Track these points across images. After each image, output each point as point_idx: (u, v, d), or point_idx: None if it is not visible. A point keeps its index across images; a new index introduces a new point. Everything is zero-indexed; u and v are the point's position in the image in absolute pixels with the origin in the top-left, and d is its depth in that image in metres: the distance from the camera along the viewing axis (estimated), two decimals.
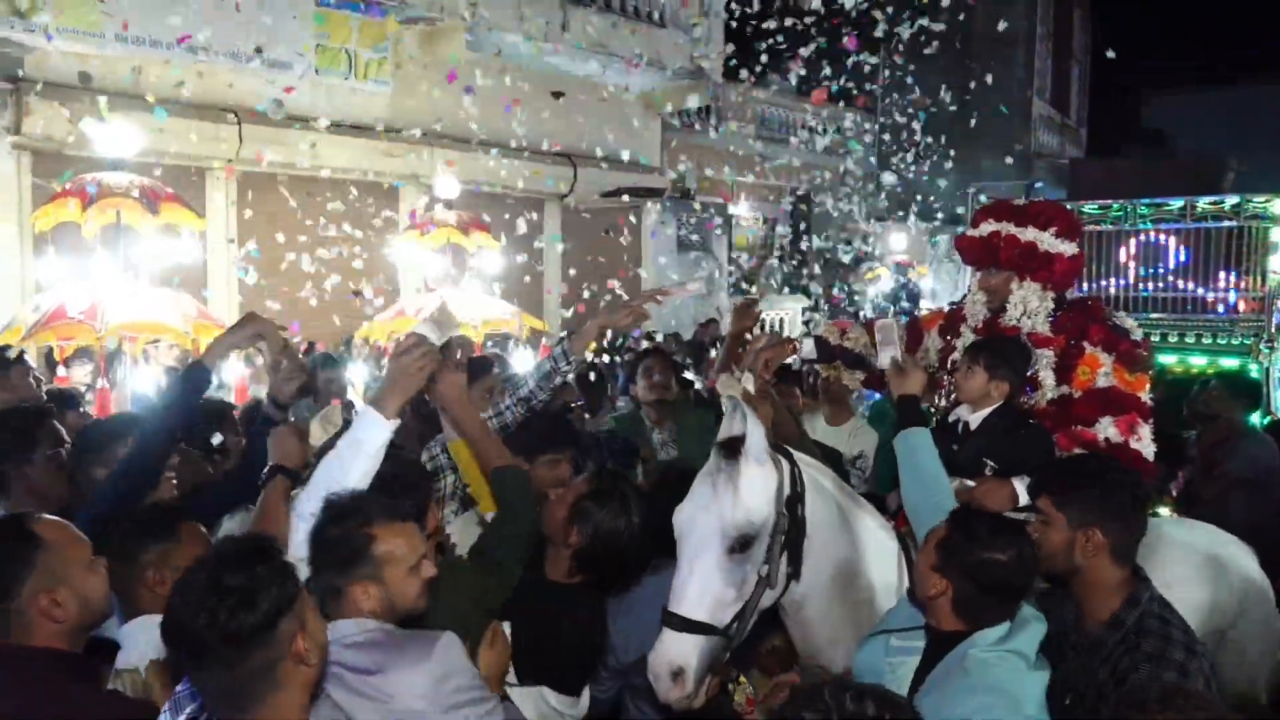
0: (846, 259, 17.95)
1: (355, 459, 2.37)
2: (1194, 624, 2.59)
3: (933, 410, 3.76)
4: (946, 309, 4.02)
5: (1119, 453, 3.19)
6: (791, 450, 2.78)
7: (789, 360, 4.04)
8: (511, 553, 2.60)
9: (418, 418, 3.96)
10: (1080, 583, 2.39)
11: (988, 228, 3.56)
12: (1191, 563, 3.23)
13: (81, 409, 5.51)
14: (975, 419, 3.27)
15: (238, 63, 9.46)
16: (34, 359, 6.90)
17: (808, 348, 3.95)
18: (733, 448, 2.59)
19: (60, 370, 6.98)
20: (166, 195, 6.95)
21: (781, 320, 14.29)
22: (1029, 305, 3.46)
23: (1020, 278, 3.48)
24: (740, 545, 2.50)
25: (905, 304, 16.61)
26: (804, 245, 18.96)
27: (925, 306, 13.19)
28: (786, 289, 17.39)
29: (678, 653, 2.41)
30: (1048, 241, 3.48)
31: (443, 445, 3.15)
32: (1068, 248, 3.53)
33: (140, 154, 7.76)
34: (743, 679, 2.86)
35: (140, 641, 2.17)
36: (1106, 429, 3.25)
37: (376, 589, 2.09)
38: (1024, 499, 2.88)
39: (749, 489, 2.53)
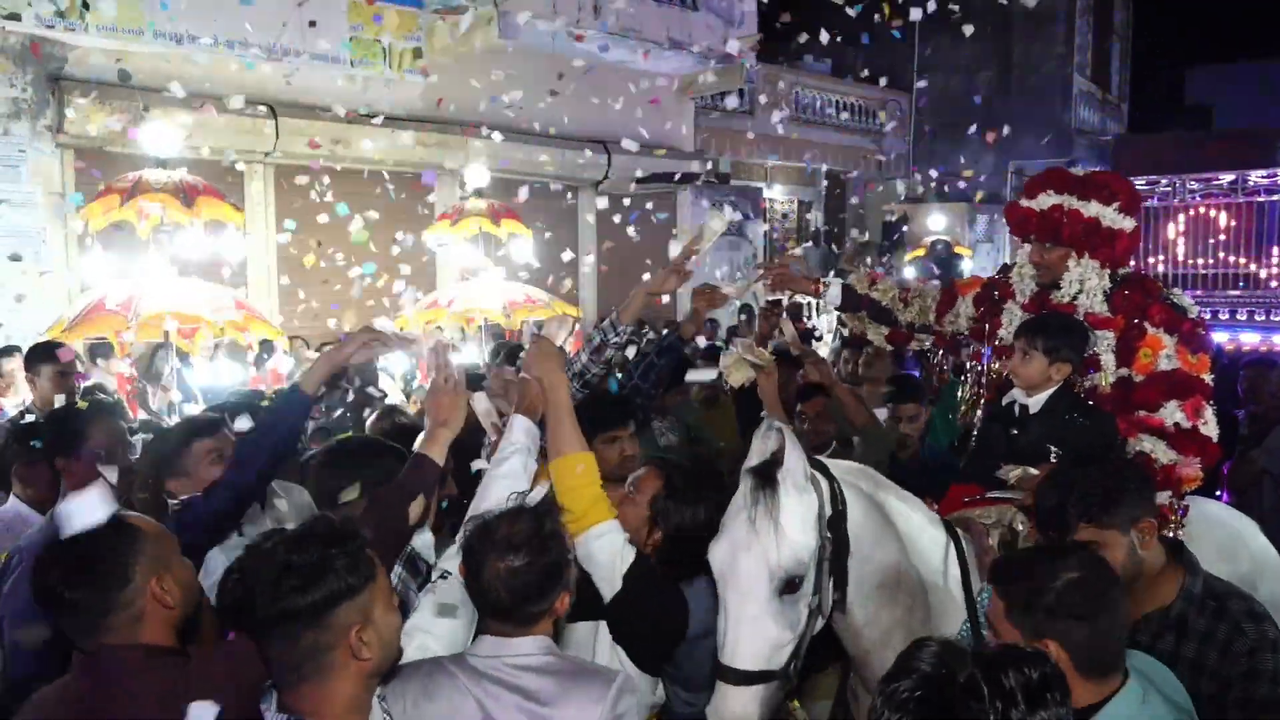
0: (883, 240, 17.77)
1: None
2: None
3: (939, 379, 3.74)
4: (986, 278, 3.88)
5: (1187, 438, 3.11)
6: (824, 462, 2.64)
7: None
8: None
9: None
10: (1143, 577, 2.32)
11: (1048, 200, 3.37)
12: (1213, 539, 3.19)
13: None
14: (1035, 402, 3.16)
15: (275, 56, 9.51)
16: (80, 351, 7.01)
17: (833, 293, 3.86)
18: (768, 475, 2.38)
19: (121, 365, 7.06)
20: (204, 189, 6.99)
21: (812, 304, 14.13)
22: (1086, 283, 3.33)
23: (1079, 254, 3.33)
24: (790, 587, 2.33)
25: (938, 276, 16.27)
26: (839, 229, 18.77)
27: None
28: (823, 272, 17.23)
29: (740, 708, 2.27)
30: (1110, 217, 3.32)
31: None
32: (1128, 223, 3.37)
33: (180, 150, 7.82)
34: (795, 703, 2.79)
35: None
36: (1173, 414, 3.14)
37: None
38: None
39: (792, 524, 2.34)
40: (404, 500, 2.35)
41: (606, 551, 2.40)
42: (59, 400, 4.71)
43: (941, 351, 3.94)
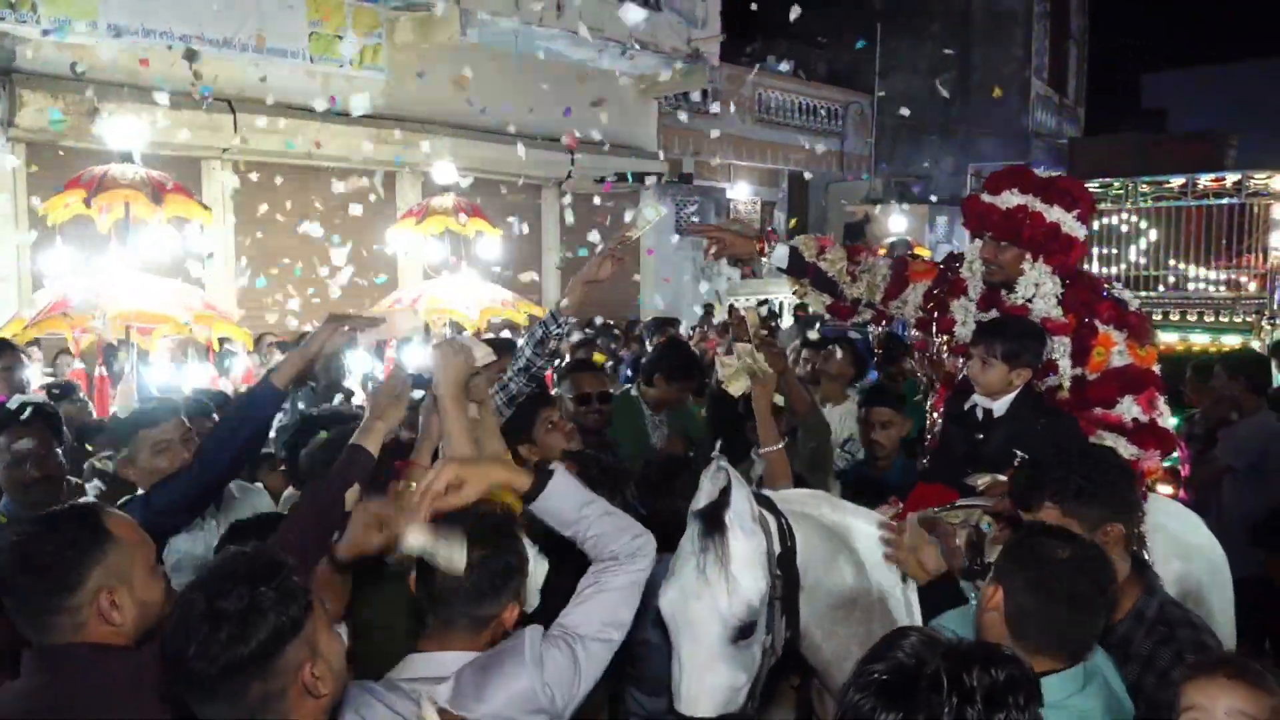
0: (844, 240, 17.89)
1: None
2: (1178, 597, 2.61)
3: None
4: (939, 265, 3.83)
5: (1147, 431, 3.14)
6: (770, 496, 2.60)
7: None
8: None
9: None
10: None
11: (1012, 199, 3.33)
12: (1166, 537, 3.20)
13: (76, 399, 5.53)
14: (1000, 406, 3.16)
15: (233, 52, 9.40)
16: (39, 351, 6.87)
17: (779, 254, 3.76)
18: (715, 518, 2.30)
19: (76, 363, 6.93)
20: (173, 186, 6.89)
21: (781, 303, 14.22)
22: (1041, 287, 3.32)
23: (1034, 257, 3.32)
24: (743, 634, 2.28)
25: None
26: (802, 229, 18.89)
27: None
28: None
29: None
30: (1069, 224, 3.31)
31: None
32: (1082, 232, 3.39)
33: (143, 146, 7.70)
34: None
35: None
36: (1130, 409, 3.16)
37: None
38: None
39: (743, 571, 2.28)
40: (340, 489, 2.35)
41: None
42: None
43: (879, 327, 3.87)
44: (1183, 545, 3.28)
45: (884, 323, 4.19)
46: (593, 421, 4.04)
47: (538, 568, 2.35)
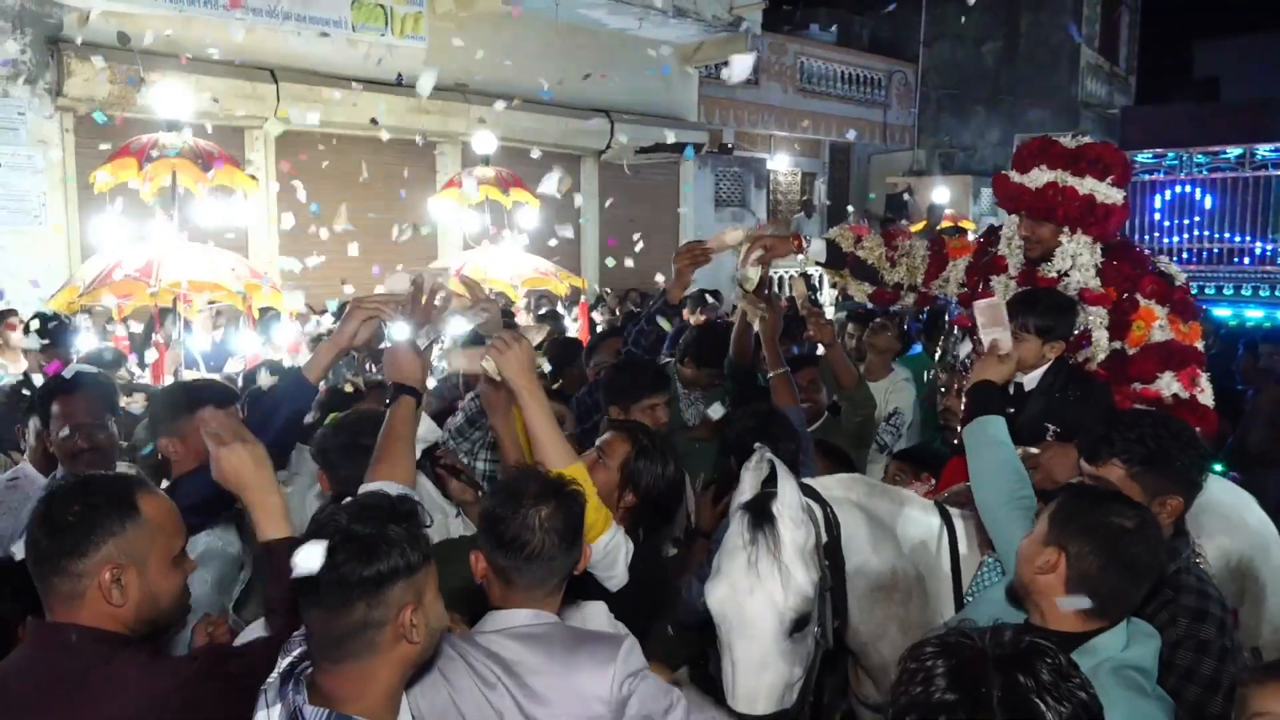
0: (886, 213, 17.66)
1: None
2: (1222, 573, 2.63)
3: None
4: (978, 240, 3.81)
5: (1186, 407, 3.10)
6: (813, 485, 2.58)
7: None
8: None
9: None
10: None
11: (1042, 176, 3.29)
12: (1215, 512, 3.13)
13: (123, 369, 5.62)
14: (1030, 379, 3.14)
15: (276, 20, 9.42)
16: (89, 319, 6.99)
17: (816, 248, 3.80)
18: (763, 509, 2.28)
19: (119, 330, 7.06)
20: (220, 155, 6.96)
21: (821, 276, 14.07)
22: (1079, 259, 3.28)
23: (1071, 230, 3.28)
24: (799, 626, 2.25)
25: None
26: (843, 200, 18.68)
27: None
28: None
29: None
30: (1103, 192, 3.26)
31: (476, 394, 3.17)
32: (1120, 196, 3.32)
33: (189, 115, 7.76)
34: None
35: None
36: (1170, 385, 3.13)
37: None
38: None
39: (795, 562, 2.24)
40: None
41: (613, 553, 2.39)
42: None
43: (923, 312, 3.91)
44: (1232, 523, 3.23)
45: (927, 305, 4.18)
46: None
47: (627, 545, 2.37)
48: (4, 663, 1.84)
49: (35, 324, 5.88)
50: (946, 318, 4.73)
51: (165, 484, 2.78)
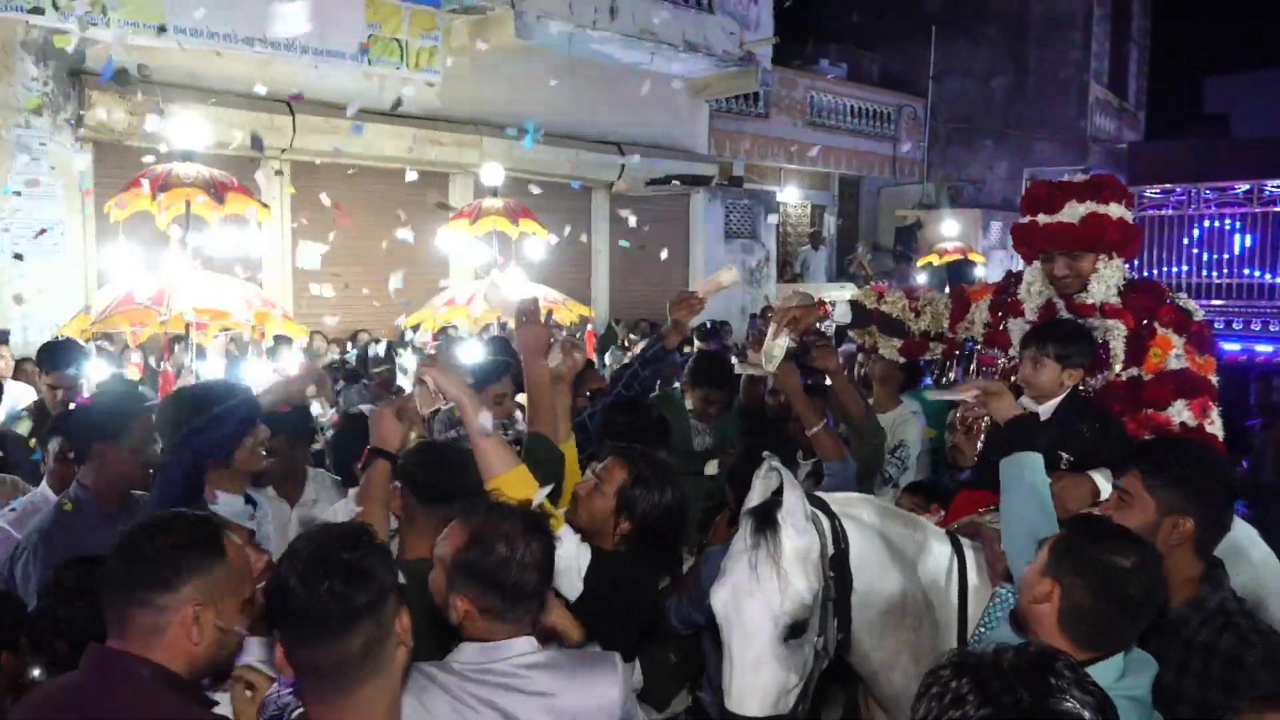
0: (895, 246, 17.72)
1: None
2: None
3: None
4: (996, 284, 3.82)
5: (1194, 437, 3.10)
6: (824, 498, 2.61)
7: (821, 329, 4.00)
8: None
9: None
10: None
11: (1078, 209, 3.30)
12: (1223, 548, 3.16)
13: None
14: (1046, 409, 3.14)
15: (293, 54, 9.58)
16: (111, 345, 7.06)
17: (840, 311, 3.79)
18: (768, 517, 2.34)
19: (135, 356, 7.11)
20: (234, 185, 7.04)
21: (833, 303, 14.10)
22: (1110, 280, 3.31)
23: (1109, 256, 3.32)
24: (794, 631, 2.30)
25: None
26: (853, 233, 18.76)
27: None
28: (829, 278, 17.20)
29: None
30: (1127, 215, 3.38)
31: None
32: (1133, 218, 3.46)
33: (204, 145, 7.88)
34: None
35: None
36: (1181, 413, 3.14)
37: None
38: (1106, 493, 2.76)
39: (794, 569, 2.30)
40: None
41: (564, 559, 2.39)
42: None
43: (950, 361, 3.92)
44: (1237, 556, 3.22)
45: (956, 351, 4.14)
46: None
47: (580, 555, 2.38)
48: (51, 684, 1.85)
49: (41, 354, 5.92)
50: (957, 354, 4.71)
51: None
